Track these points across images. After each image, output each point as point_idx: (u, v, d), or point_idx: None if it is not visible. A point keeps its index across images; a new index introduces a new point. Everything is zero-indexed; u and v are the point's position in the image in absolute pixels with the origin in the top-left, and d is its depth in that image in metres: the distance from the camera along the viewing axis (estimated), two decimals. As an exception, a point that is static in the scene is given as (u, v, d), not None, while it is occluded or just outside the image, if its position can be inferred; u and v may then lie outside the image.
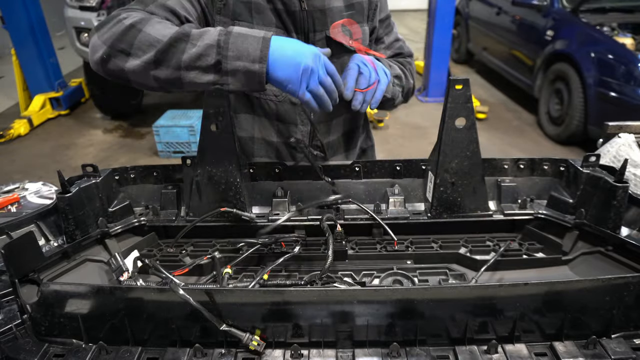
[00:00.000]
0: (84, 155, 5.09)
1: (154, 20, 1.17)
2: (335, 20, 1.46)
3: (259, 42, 1.09)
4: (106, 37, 1.16)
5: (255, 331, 0.92)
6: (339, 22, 1.42)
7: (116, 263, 1.17)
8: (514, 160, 1.35)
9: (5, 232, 1.12)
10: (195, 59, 1.10)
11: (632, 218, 1.17)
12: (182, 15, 1.27)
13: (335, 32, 1.42)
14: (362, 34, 1.51)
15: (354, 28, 1.46)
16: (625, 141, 1.68)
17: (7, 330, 0.95)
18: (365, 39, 1.53)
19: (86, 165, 1.25)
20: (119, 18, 1.18)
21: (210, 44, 1.09)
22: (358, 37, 1.47)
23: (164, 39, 1.11)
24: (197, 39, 1.10)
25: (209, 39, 1.10)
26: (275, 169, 1.37)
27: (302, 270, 1.23)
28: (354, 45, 1.44)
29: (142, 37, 1.12)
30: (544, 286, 0.90)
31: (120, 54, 1.14)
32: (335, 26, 1.42)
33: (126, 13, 1.20)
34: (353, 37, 1.45)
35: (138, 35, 1.12)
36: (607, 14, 5.27)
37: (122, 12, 1.22)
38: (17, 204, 1.64)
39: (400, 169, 1.38)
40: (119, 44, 1.14)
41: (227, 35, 1.10)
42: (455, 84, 1.19)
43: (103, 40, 1.16)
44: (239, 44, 1.09)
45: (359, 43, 1.47)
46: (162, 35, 1.11)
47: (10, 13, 5.70)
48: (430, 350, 0.92)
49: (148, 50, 1.11)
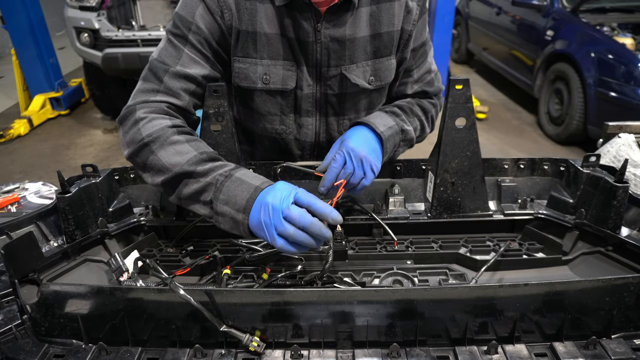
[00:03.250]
0: (84, 155, 5.08)
1: (165, 135, 1.12)
2: (358, 53, 1.31)
3: (250, 191, 1.01)
4: (127, 140, 1.17)
5: (255, 332, 0.92)
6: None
7: (116, 263, 1.17)
8: (514, 160, 1.35)
9: (5, 232, 1.12)
10: (195, 194, 1.08)
11: (632, 218, 1.17)
12: (196, 75, 1.22)
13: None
14: (387, 70, 1.37)
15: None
16: (625, 141, 1.68)
17: (7, 331, 0.95)
18: (389, 75, 1.40)
19: (86, 165, 1.25)
20: (136, 118, 1.16)
21: (211, 182, 1.06)
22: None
23: (172, 170, 1.08)
24: (201, 176, 1.07)
25: (211, 178, 1.06)
26: (275, 169, 1.36)
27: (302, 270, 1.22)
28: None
29: (153, 160, 1.12)
30: (544, 286, 0.90)
31: (138, 167, 1.17)
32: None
33: (142, 108, 1.18)
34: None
35: (150, 157, 1.12)
36: (607, 14, 5.27)
37: (140, 102, 1.19)
38: (17, 204, 1.63)
39: (400, 169, 1.38)
40: (135, 157, 1.15)
41: (227, 178, 1.05)
42: (455, 84, 1.19)
43: (125, 142, 1.17)
44: (232, 189, 1.03)
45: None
46: (171, 165, 1.09)
47: (10, 13, 5.69)
48: (430, 350, 0.92)
49: (157, 175, 1.12)
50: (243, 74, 1.31)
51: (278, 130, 1.42)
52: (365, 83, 1.36)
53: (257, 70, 1.30)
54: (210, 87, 1.22)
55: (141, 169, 1.16)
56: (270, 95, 1.35)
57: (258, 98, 1.35)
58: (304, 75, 1.33)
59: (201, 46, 1.24)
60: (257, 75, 1.30)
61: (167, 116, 1.18)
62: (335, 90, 1.36)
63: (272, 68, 1.30)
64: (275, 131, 1.42)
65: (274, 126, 1.41)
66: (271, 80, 1.31)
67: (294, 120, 1.42)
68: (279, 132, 1.43)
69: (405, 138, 1.37)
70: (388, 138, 1.28)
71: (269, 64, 1.29)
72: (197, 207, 1.09)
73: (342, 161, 1.20)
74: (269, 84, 1.31)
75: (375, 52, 1.35)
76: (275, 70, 1.30)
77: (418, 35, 1.40)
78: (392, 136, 1.30)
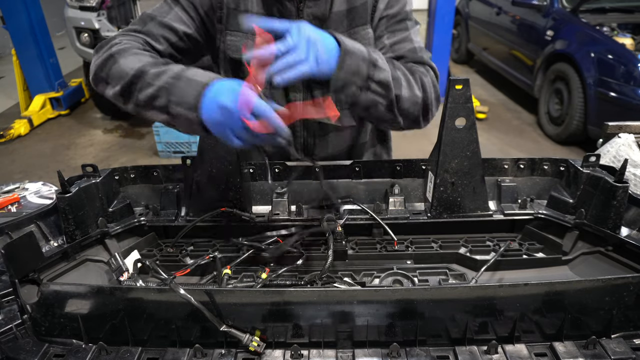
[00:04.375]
0: (84, 155, 5.08)
1: (132, 50, 1.18)
2: (335, 26, 1.32)
3: (197, 88, 1.03)
4: (97, 62, 1.20)
5: (255, 332, 0.92)
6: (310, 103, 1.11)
7: (116, 263, 1.17)
8: (514, 160, 1.35)
9: (5, 232, 1.12)
10: (150, 99, 1.10)
11: (632, 218, 1.17)
12: (179, 29, 1.30)
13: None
14: (362, 39, 1.35)
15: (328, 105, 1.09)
16: (625, 141, 1.68)
17: (7, 331, 0.95)
18: (365, 44, 1.31)
19: (86, 165, 1.25)
20: (111, 43, 1.22)
21: (162, 85, 1.08)
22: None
23: (129, 73, 1.12)
24: (153, 79, 1.10)
25: (162, 81, 1.08)
26: (275, 168, 1.37)
27: (302, 270, 1.22)
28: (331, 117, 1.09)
29: (115, 68, 1.15)
30: (544, 286, 0.90)
31: (102, 82, 1.20)
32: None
33: (120, 38, 1.25)
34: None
35: (113, 66, 1.16)
36: (607, 14, 5.27)
37: (119, 35, 1.26)
38: (17, 204, 1.63)
39: (400, 169, 1.38)
40: (100, 72, 1.19)
41: (177, 79, 1.07)
42: (455, 84, 1.19)
43: (95, 64, 1.21)
44: (182, 88, 1.05)
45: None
46: (129, 69, 1.13)
47: (11, 13, 5.69)
48: (430, 350, 0.92)
49: (118, 82, 1.14)
50: (235, 46, 1.37)
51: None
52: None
53: (248, 45, 1.35)
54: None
55: (104, 82, 1.18)
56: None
57: (246, 70, 1.39)
58: None
59: (190, 9, 1.32)
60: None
61: (142, 48, 1.24)
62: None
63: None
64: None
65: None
66: None
67: (283, 96, 1.43)
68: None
69: (378, 78, 1.15)
70: (350, 52, 1.09)
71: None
72: (155, 114, 1.11)
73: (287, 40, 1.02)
74: None
75: (351, 24, 1.36)
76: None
77: (393, 4, 1.36)
78: (356, 56, 1.11)
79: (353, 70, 1.11)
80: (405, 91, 1.23)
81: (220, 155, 1.24)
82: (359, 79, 1.13)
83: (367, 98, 1.17)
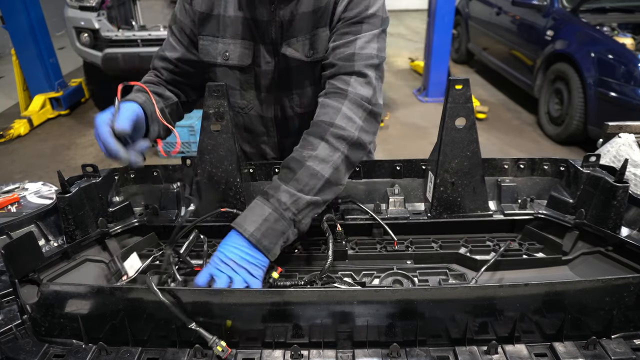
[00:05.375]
0: (84, 155, 5.07)
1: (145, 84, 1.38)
2: (300, 27, 1.32)
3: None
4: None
5: (227, 322, 0.91)
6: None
7: (115, 267, 1.17)
8: (514, 160, 1.35)
9: (5, 232, 1.12)
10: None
11: (632, 218, 1.17)
12: (172, 57, 1.46)
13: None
14: (323, 41, 1.34)
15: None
16: (625, 141, 1.68)
17: (7, 331, 0.95)
18: (324, 46, 1.34)
19: (86, 165, 1.25)
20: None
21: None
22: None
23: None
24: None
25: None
26: (275, 168, 1.37)
27: (302, 270, 1.23)
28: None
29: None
30: (544, 286, 0.90)
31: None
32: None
33: (145, 77, 1.49)
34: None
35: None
36: (607, 14, 5.27)
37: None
38: (17, 204, 1.63)
39: (400, 169, 1.38)
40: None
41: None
42: (455, 84, 1.19)
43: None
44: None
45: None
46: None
47: (10, 13, 5.69)
48: (430, 350, 0.92)
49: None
50: (205, 50, 1.44)
51: (240, 105, 1.50)
52: (303, 56, 1.38)
53: (217, 47, 1.43)
54: (210, 87, 1.22)
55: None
56: (230, 69, 1.45)
57: (219, 72, 1.47)
58: (261, 53, 1.41)
59: (178, 34, 1.46)
60: (217, 51, 1.43)
61: (154, 81, 1.47)
62: (281, 65, 1.42)
63: (231, 46, 1.41)
64: (238, 105, 1.50)
65: (235, 100, 1.49)
66: (230, 56, 1.42)
67: (255, 96, 1.49)
68: (241, 106, 1.51)
69: (303, 213, 1.13)
70: (261, 238, 1.09)
71: (229, 42, 1.41)
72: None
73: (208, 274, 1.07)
74: (227, 59, 1.43)
75: (315, 25, 1.35)
76: (234, 48, 1.41)
77: (352, 7, 1.29)
78: (268, 231, 1.09)
79: (278, 239, 1.11)
80: (330, 172, 1.15)
81: (220, 155, 1.24)
82: (291, 232, 1.13)
83: (311, 217, 1.16)
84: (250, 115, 1.52)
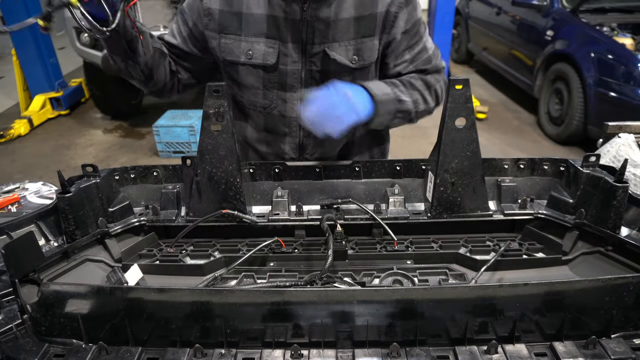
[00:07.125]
0: (84, 155, 5.08)
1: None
2: (342, 32, 1.38)
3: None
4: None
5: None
6: None
7: (115, 277, 1.17)
8: (514, 160, 1.35)
9: (5, 232, 1.12)
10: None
11: (632, 218, 1.17)
12: (171, 42, 1.50)
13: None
14: (369, 50, 1.44)
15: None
16: (625, 141, 1.68)
17: (7, 330, 0.95)
18: (371, 54, 1.45)
19: (86, 165, 1.25)
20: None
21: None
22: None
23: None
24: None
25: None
26: (275, 168, 1.37)
27: (302, 270, 1.23)
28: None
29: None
30: (543, 286, 0.90)
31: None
32: None
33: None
34: None
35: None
36: (607, 14, 5.26)
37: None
38: (17, 204, 1.63)
39: (400, 169, 1.38)
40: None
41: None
42: (455, 84, 1.19)
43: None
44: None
45: None
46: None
47: (11, 13, 5.69)
48: (430, 350, 0.92)
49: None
50: (228, 49, 1.45)
51: (262, 104, 1.50)
52: (348, 61, 1.42)
53: (240, 46, 1.44)
54: (210, 87, 1.22)
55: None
56: (253, 68, 1.46)
57: (242, 71, 1.48)
58: (288, 52, 1.42)
59: (182, 23, 1.49)
60: (241, 50, 1.44)
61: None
62: (319, 67, 1.43)
63: (255, 45, 1.43)
64: (260, 105, 1.50)
65: (257, 99, 1.50)
66: (254, 55, 1.43)
67: (278, 95, 1.49)
68: (263, 106, 1.51)
69: (402, 109, 1.43)
70: (381, 101, 1.37)
71: (253, 41, 1.42)
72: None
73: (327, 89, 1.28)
74: (251, 58, 1.44)
75: (359, 32, 1.41)
76: (258, 46, 1.43)
77: (409, 17, 1.44)
78: (387, 102, 1.38)
79: (385, 112, 1.38)
80: (422, 106, 1.48)
81: (221, 155, 1.24)
82: (389, 116, 1.41)
83: (392, 124, 1.47)
84: (272, 115, 1.51)
